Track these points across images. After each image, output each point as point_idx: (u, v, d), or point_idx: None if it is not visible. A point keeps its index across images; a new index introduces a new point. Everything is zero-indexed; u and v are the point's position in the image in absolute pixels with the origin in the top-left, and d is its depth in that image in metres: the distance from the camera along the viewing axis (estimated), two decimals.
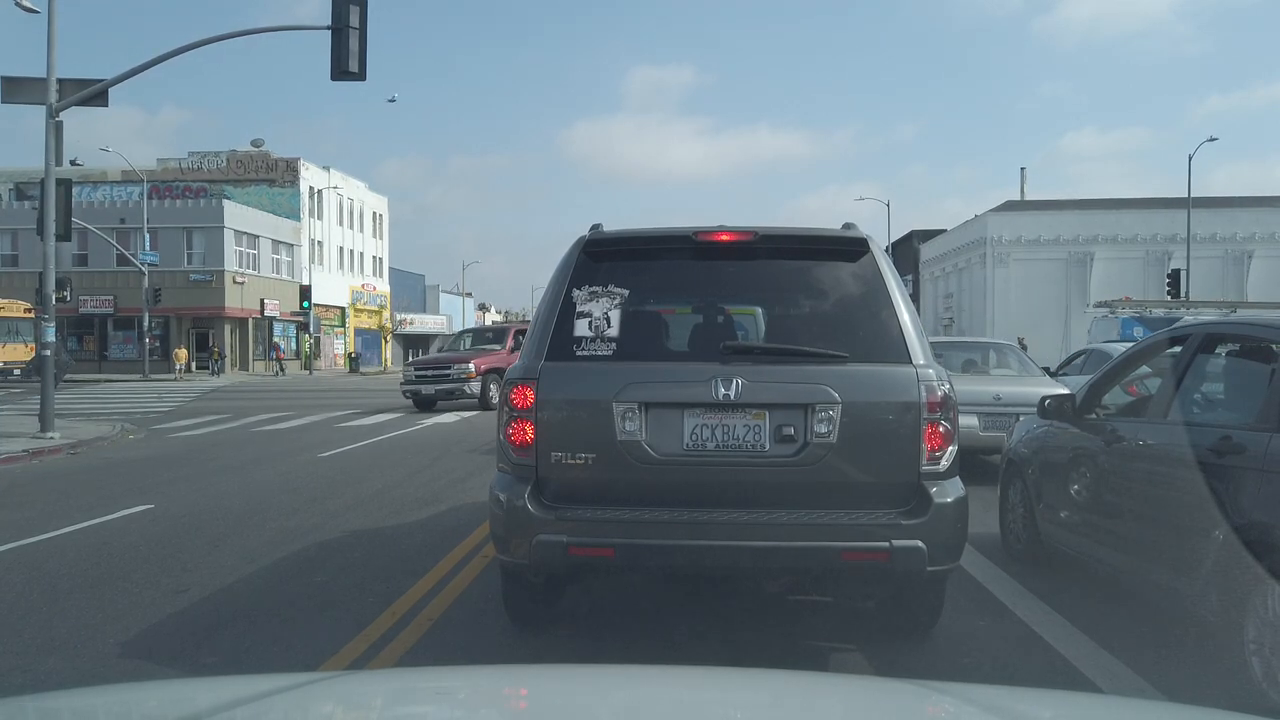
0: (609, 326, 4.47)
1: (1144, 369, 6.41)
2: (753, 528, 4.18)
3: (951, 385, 4.38)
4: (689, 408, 4.27)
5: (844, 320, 4.53)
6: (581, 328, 4.45)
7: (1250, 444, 4.10)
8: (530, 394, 4.35)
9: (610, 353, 4.43)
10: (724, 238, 4.65)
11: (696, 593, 5.52)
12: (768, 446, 4.24)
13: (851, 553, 4.17)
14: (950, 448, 4.29)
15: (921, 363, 4.31)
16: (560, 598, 5.06)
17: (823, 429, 4.20)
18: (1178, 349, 5.29)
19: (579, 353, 4.42)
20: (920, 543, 4.11)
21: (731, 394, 4.22)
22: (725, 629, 4.98)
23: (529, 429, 4.34)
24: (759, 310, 5.13)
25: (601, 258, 4.64)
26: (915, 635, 4.73)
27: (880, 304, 4.47)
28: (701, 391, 4.24)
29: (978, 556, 6.38)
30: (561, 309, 4.49)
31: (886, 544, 4.11)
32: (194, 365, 46.01)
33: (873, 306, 4.48)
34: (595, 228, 4.87)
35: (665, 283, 4.89)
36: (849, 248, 4.62)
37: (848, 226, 4.85)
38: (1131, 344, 5.76)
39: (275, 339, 53.59)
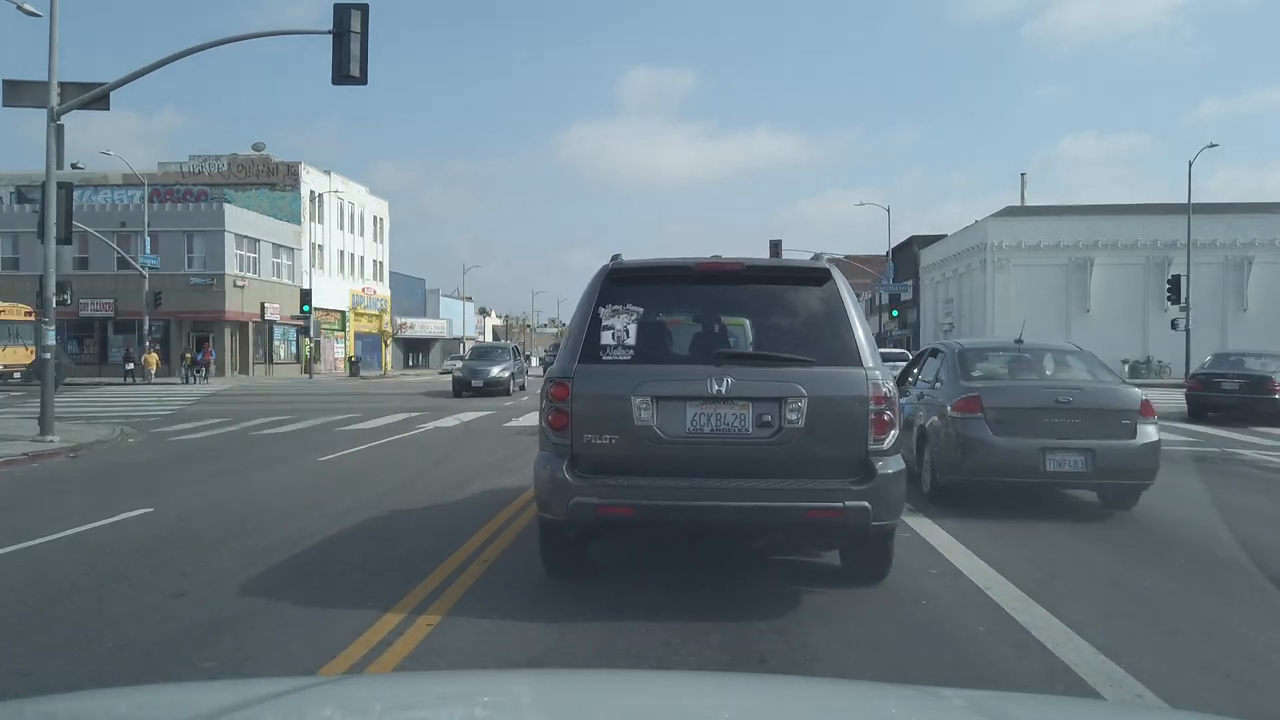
0: (628, 336, 5.56)
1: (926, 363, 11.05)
2: (739, 492, 5.25)
3: (894, 384, 5.52)
4: (690, 400, 5.35)
5: (811, 332, 5.60)
6: (607, 337, 5.55)
7: (926, 393, 9.79)
8: (567, 389, 5.45)
9: (629, 357, 5.51)
10: (719, 268, 5.79)
11: (696, 555, 6.53)
12: (750, 430, 5.33)
13: (814, 511, 5.27)
14: (892, 431, 5.37)
15: (870, 366, 5.40)
16: (586, 552, 6.07)
17: (793, 417, 5.28)
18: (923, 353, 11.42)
19: (605, 357, 5.52)
20: (866, 503, 5.18)
21: (723, 390, 5.31)
22: (719, 582, 6.05)
23: (565, 416, 5.44)
24: (746, 323, 6.04)
25: (622, 282, 5.72)
26: (871, 583, 5.84)
27: (839, 319, 5.57)
28: (700, 388, 5.33)
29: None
30: (591, 322, 5.58)
31: (840, 504, 5.20)
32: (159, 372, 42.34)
33: (833, 321, 5.58)
34: (615, 258, 5.96)
35: (672, 302, 5.98)
36: (816, 276, 5.75)
37: (816, 258, 6.07)
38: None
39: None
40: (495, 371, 29.75)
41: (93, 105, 16.38)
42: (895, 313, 47.61)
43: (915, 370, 10.78)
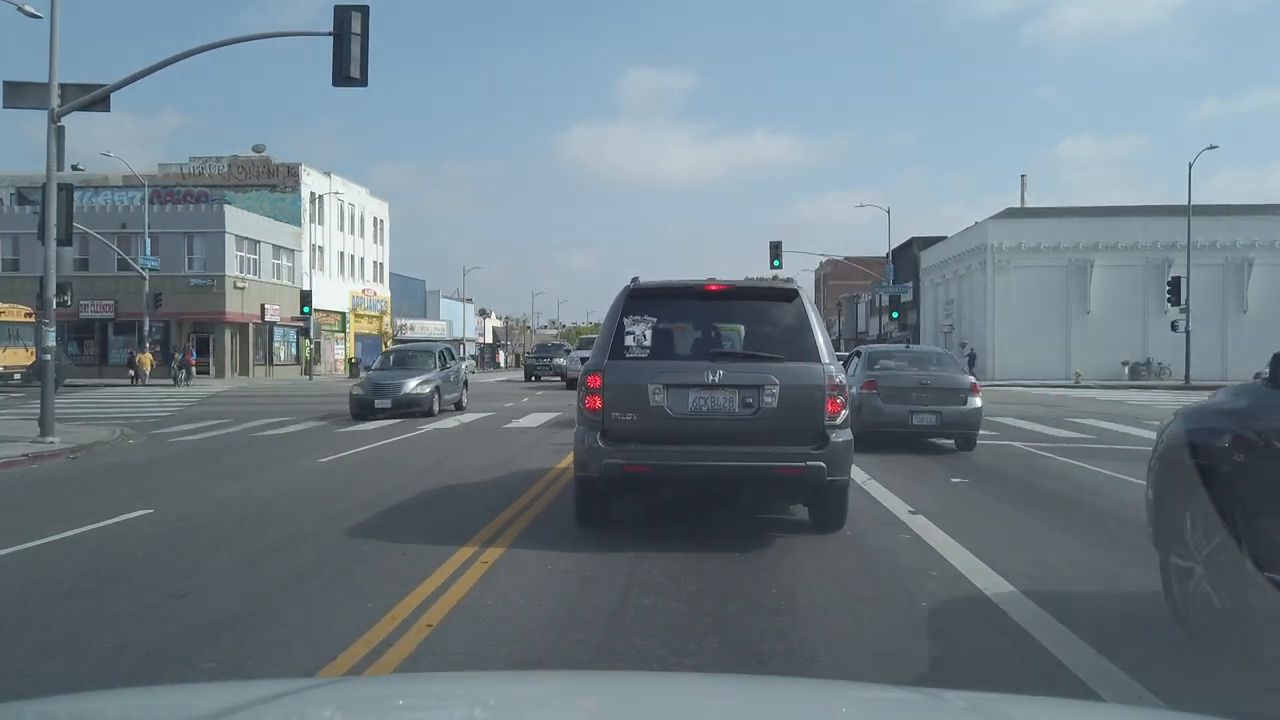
0: (645, 339, 7.23)
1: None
2: (728, 454, 6.98)
3: (844, 375, 7.29)
4: (692, 387, 7.02)
5: (783, 336, 7.27)
6: (629, 340, 7.21)
7: (849, 379, 9.47)
8: (599, 379, 7.13)
9: (646, 355, 7.19)
10: (714, 288, 7.53)
11: (695, 514, 8.21)
12: (736, 410, 6.99)
13: (783, 469, 6.97)
14: (843, 411, 7.05)
15: (827, 361, 7.10)
16: (611, 505, 7.65)
17: (768, 399, 6.93)
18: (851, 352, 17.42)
19: (628, 355, 7.19)
20: (822, 463, 6.87)
21: (716, 379, 6.98)
22: (713, 534, 7.67)
23: (598, 399, 7.10)
24: (741, 329, 7.55)
25: (640, 298, 7.43)
26: (830, 530, 7.43)
27: (804, 327, 7.26)
28: (699, 377, 7.01)
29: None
30: (617, 329, 7.26)
31: (803, 464, 6.88)
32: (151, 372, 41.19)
33: (800, 327, 7.26)
34: (635, 279, 7.69)
35: (679, 313, 7.60)
36: (787, 294, 7.57)
37: (788, 281, 8.03)
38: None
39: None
40: (412, 386, 20.54)
41: (93, 107, 16.39)
42: (895, 314, 47.52)
43: (847, 364, 14.70)
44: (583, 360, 30.27)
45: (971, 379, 14.43)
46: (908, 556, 6.78)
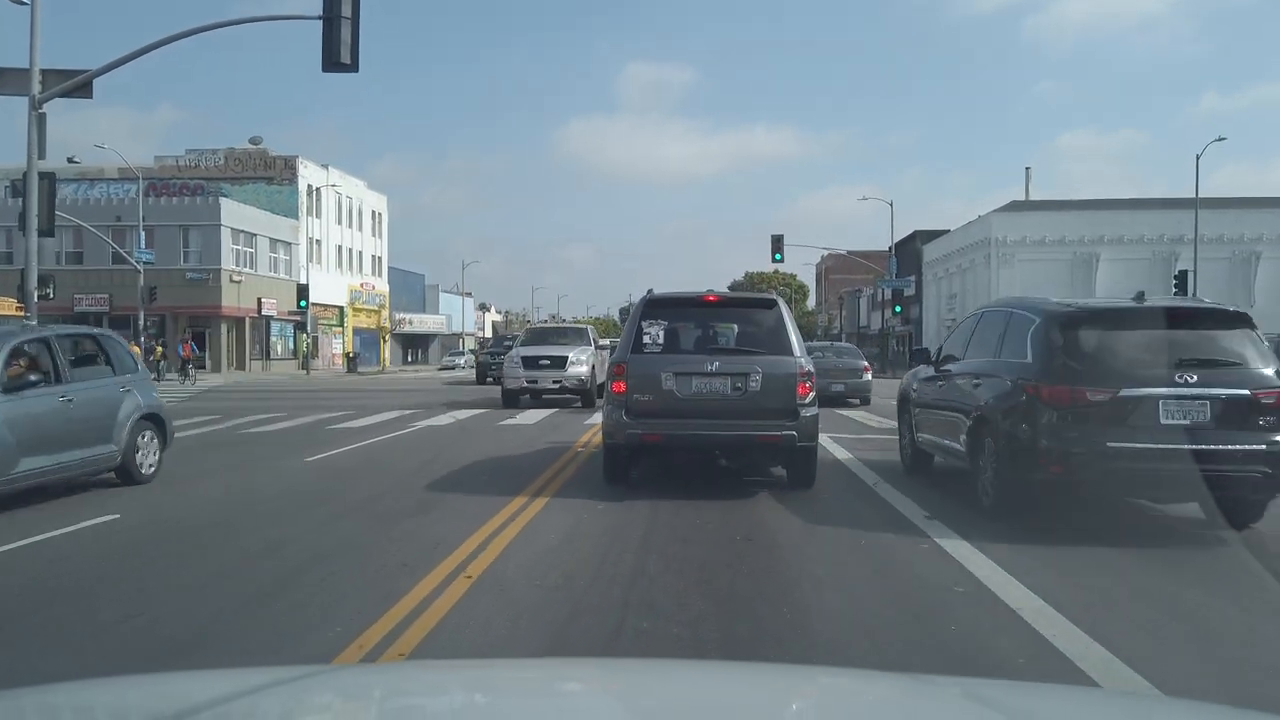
0: (659, 337, 9.16)
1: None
2: (722, 426, 8.80)
3: (813, 365, 9.15)
4: (695, 374, 8.82)
5: (765, 335, 9.16)
6: (646, 338, 9.12)
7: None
8: (624, 368, 8.97)
9: (660, 350, 9.10)
10: (711, 299, 9.51)
11: (699, 475, 10.10)
12: (729, 392, 8.79)
13: (763, 436, 8.81)
14: (811, 393, 8.89)
15: (798, 355, 8.96)
16: (632, 468, 9.56)
17: (753, 384, 8.74)
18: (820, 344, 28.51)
19: (645, 350, 9.07)
20: (794, 432, 8.73)
21: (714, 369, 8.83)
22: (712, 490, 9.38)
23: (623, 384, 8.91)
24: (735, 328, 9.48)
25: (655, 305, 9.39)
26: (802, 488, 9.16)
27: (781, 328, 9.14)
28: (701, 367, 8.87)
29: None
30: (638, 329, 9.16)
31: (779, 433, 8.72)
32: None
33: (778, 329, 9.15)
34: (650, 291, 9.61)
35: (685, 317, 9.56)
36: (768, 303, 9.57)
37: (768, 292, 11.00)
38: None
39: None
40: None
41: (76, 93, 15.97)
42: (899, 309, 47.10)
43: None
44: (524, 360, 24.39)
45: (864, 363, 23.50)
46: (927, 570, 6.30)
